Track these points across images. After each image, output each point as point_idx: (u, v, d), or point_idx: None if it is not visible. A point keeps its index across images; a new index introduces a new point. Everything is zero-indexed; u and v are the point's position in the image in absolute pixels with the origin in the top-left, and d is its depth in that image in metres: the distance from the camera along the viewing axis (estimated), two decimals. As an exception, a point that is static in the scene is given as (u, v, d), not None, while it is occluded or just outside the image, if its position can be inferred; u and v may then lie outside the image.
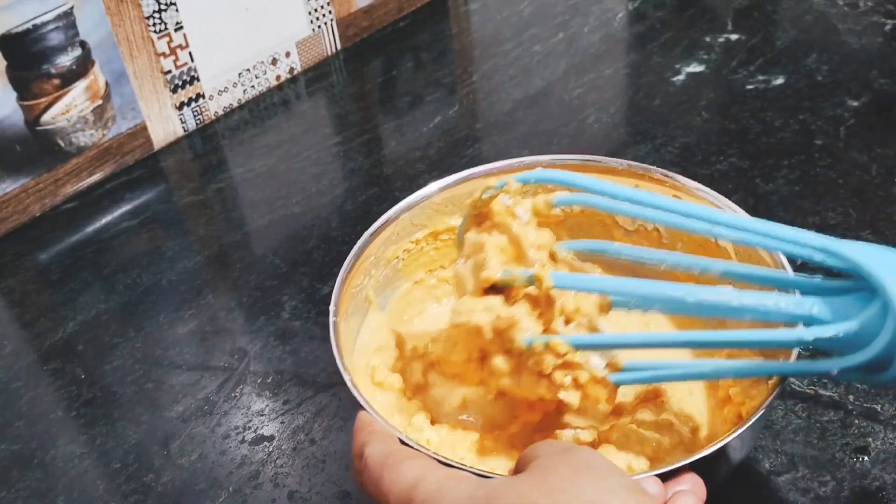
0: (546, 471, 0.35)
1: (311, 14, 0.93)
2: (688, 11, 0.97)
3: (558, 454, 0.36)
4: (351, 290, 0.52)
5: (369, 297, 0.55)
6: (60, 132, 0.77)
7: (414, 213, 0.56)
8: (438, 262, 0.59)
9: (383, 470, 0.37)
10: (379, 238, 0.55)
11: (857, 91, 0.81)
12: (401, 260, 0.58)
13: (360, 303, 0.54)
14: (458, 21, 1.02)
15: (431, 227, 0.58)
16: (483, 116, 0.86)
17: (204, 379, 0.61)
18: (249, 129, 0.88)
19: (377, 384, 0.52)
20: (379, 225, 0.55)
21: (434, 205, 0.57)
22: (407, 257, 0.58)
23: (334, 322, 0.48)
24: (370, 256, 0.54)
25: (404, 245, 0.57)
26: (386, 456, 0.37)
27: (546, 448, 0.37)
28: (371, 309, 0.56)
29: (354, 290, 0.53)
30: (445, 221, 0.58)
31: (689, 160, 0.75)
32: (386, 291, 0.57)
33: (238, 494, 0.53)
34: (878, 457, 0.50)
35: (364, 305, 0.55)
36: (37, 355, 0.65)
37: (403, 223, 0.56)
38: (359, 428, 0.40)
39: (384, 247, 0.56)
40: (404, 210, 0.56)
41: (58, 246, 0.76)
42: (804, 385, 0.55)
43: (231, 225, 0.76)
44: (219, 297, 0.68)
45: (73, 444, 0.58)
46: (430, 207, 0.57)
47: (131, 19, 0.78)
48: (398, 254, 0.57)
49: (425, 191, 0.57)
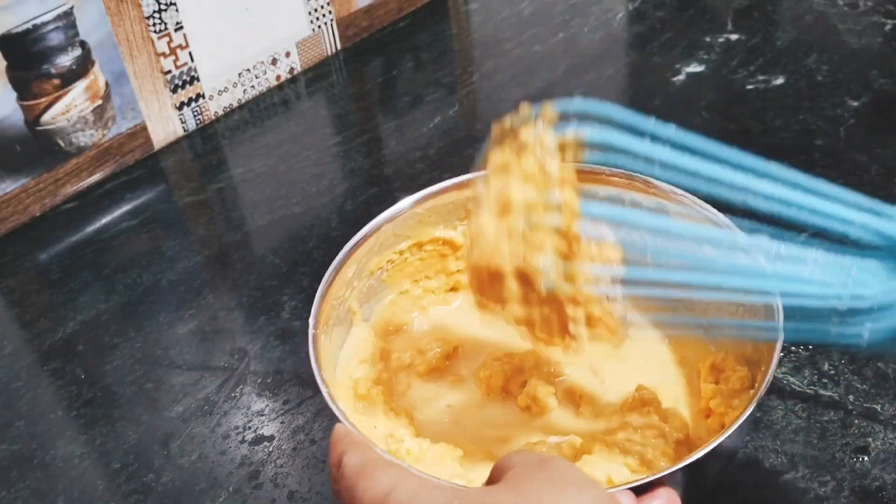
0: (521, 482, 0.35)
1: (311, 14, 0.93)
2: (688, 11, 0.97)
3: (534, 465, 0.35)
4: (332, 301, 0.52)
5: (352, 308, 0.55)
6: (60, 132, 0.77)
7: (396, 223, 0.56)
8: (423, 273, 0.59)
9: (358, 478, 0.36)
10: (360, 250, 0.54)
11: (857, 91, 0.81)
12: (385, 271, 0.57)
13: (342, 314, 0.54)
14: (458, 21, 1.02)
15: (415, 237, 0.57)
16: (483, 116, 0.86)
17: (204, 379, 0.61)
18: (249, 129, 0.88)
19: (360, 397, 0.52)
20: (359, 238, 0.54)
21: (416, 215, 0.57)
22: (391, 268, 0.57)
23: (313, 335, 0.48)
24: (352, 268, 0.54)
25: (388, 256, 0.57)
26: (362, 464, 0.37)
27: (521, 458, 0.36)
28: (355, 321, 0.55)
29: (335, 302, 0.52)
30: (429, 232, 0.57)
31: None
32: (370, 303, 0.57)
33: (238, 494, 0.53)
34: (878, 457, 0.50)
35: (347, 317, 0.55)
36: (37, 355, 0.65)
37: (385, 234, 0.56)
38: (336, 440, 0.40)
39: (367, 258, 0.55)
40: (385, 221, 0.55)
41: (58, 246, 0.76)
42: (804, 385, 0.55)
43: (231, 225, 0.76)
44: (219, 297, 0.68)
45: (73, 444, 0.58)
46: (412, 218, 0.56)
47: (131, 19, 0.78)
48: (381, 265, 0.57)
49: (403, 204, 0.56)
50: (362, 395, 0.52)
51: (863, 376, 0.55)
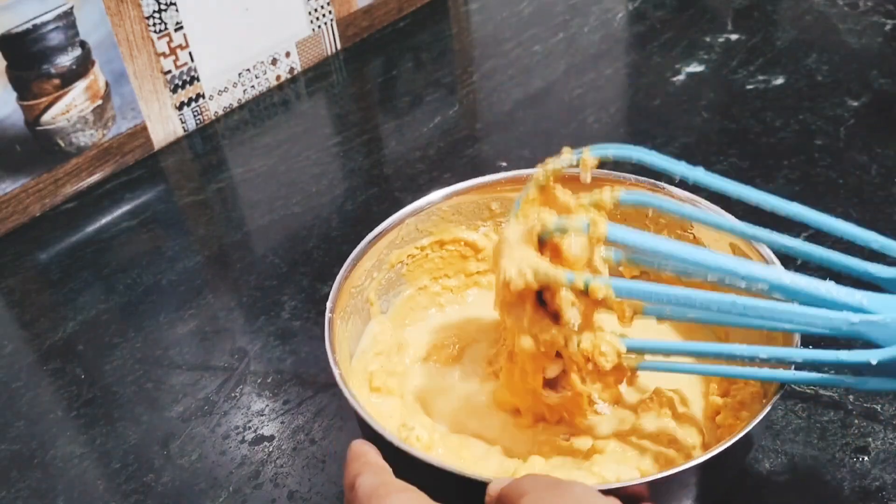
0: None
1: (311, 14, 0.93)
2: (688, 11, 0.97)
3: (548, 490, 0.36)
4: (350, 289, 0.52)
5: (370, 298, 0.55)
6: (60, 132, 0.77)
7: (420, 218, 0.56)
8: (443, 271, 0.59)
9: (371, 500, 0.37)
10: (382, 241, 0.54)
11: (857, 91, 0.81)
12: (405, 265, 0.57)
13: (360, 304, 0.54)
14: (458, 21, 1.02)
15: (437, 234, 0.57)
16: (483, 116, 0.86)
17: (204, 379, 0.61)
18: (249, 129, 0.88)
19: (374, 389, 0.52)
20: (383, 228, 0.54)
21: (440, 212, 0.57)
22: (411, 263, 0.57)
23: (329, 318, 0.48)
24: (373, 258, 0.54)
25: (408, 250, 0.57)
26: (376, 487, 0.37)
27: (533, 484, 0.36)
28: (373, 312, 0.55)
29: (354, 290, 0.52)
30: (452, 231, 0.57)
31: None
32: (388, 295, 0.57)
33: (238, 494, 0.53)
34: (878, 457, 0.50)
35: (365, 307, 0.55)
36: (37, 355, 0.65)
37: (408, 228, 0.56)
38: (352, 458, 0.40)
39: (388, 250, 0.55)
40: (410, 215, 0.55)
41: (58, 246, 0.76)
42: (804, 385, 0.55)
43: (231, 225, 0.76)
44: (219, 297, 0.68)
45: (73, 444, 0.58)
46: (436, 214, 0.56)
47: (131, 19, 0.78)
48: (402, 258, 0.57)
49: (431, 197, 0.56)
50: (377, 388, 0.52)
51: (863, 376, 0.55)
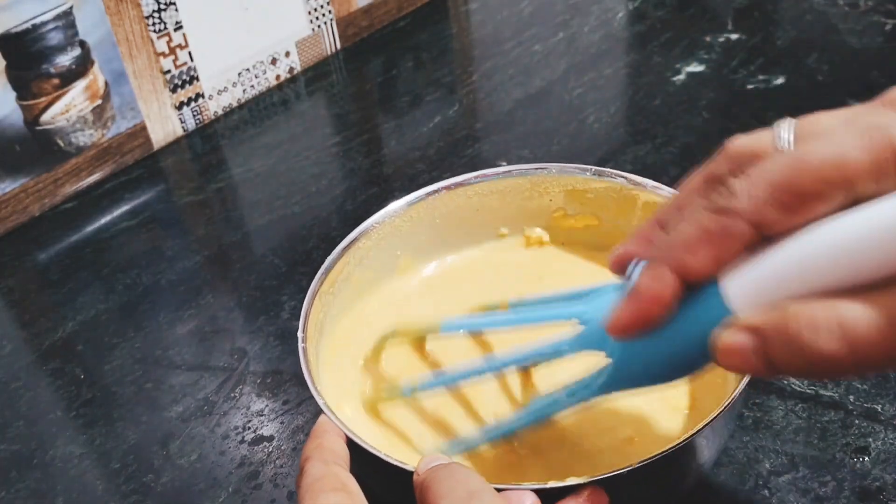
0: None
1: (311, 14, 0.93)
2: (688, 11, 0.97)
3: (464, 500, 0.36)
4: (318, 315, 0.52)
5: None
6: (60, 132, 0.77)
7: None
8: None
9: (306, 493, 0.38)
10: (352, 249, 0.56)
11: (857, 91, 0.80)
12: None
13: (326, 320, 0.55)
14: (458, 21, 1.02)
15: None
16: (483, 116, 0.86)
17: (203, 379, 0.61)
18: (249, 128, 0.88)
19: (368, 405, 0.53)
20: (350, 239, 0.56)
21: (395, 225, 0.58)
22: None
23: (303, 348, 0.48)
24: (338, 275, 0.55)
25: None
26: (315, 480, 0.39)
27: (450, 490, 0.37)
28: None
29: (321, 316, 0.53)
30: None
31: (689, 160, 0.75)
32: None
33: (238, 494, 0.53)
34: (878, 457, 0.50)
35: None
36: (36, 355, 0.65)
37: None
38: (311, 436, 0.43)
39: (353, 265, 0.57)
40: (374, 224, 0.57)
41: (57, 246, 0.76)
42: (804, 385, 0.55)
43: (231, 225, 0.76)
44: (218, 297, 0.68)
45: (72, 445, 0.58)
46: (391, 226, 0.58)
47: (131, 19, 0.78)
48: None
49: (387, 210, 0.57)
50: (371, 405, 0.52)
51: (863, 376, 0.55)
